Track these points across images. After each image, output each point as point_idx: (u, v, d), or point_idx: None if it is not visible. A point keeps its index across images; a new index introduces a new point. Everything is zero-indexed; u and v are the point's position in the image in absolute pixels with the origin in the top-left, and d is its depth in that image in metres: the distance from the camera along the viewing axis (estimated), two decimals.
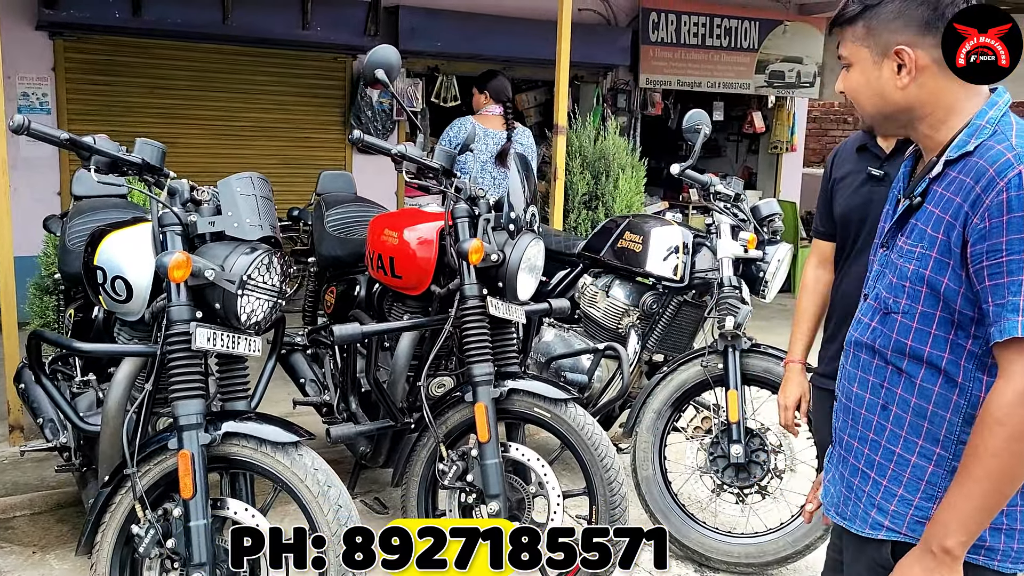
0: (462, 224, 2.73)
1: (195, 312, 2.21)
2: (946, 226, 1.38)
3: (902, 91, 1.44)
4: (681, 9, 8.42)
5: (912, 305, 1.44)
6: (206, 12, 6.37)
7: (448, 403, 2.76)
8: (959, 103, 1.43)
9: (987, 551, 1.41)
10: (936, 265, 1.40)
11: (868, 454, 1.52)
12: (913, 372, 1.45)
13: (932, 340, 1.42)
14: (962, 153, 1.39)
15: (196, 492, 2.13)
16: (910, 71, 1.42)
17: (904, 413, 1.46)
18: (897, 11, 1.42)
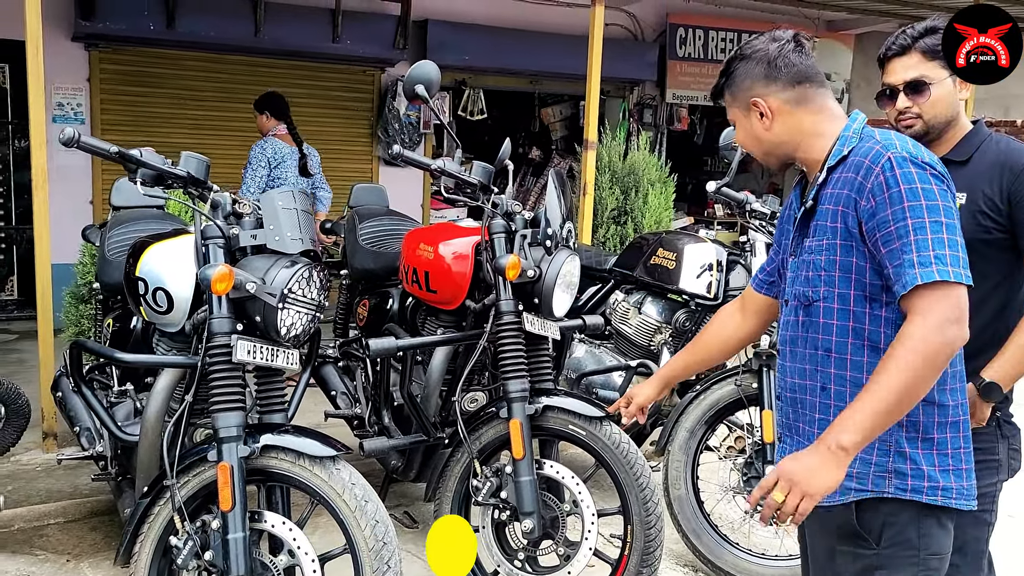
0: (499, 239, 2.73)
1: (236, 325, 2.22)
2: (841, 215, 1.63)
3: (768, 132, 1.75)
4: (708, 24, 8.42)
5: (830, 290, 1.67)
6: (238, 25, 6.44)
7: (482, 419, 2.76)
8: (819, 128, 1.73)
9: (943, 491, 1.62)
10: (843, 249, 1.64)
11: (817, 432, 1.66)
12: (841, 349, 1.66)
13: (853, 316, 1.65)
14: (840, 159, 1.66)
15: (235, 504, 2.13)
16: (768, 115, 1.74)
17: (842, 387, 1.67)
18: (743, 74, 1.76)
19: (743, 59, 1.78)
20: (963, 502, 1.65)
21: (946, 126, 2.12)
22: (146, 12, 6.15)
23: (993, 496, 2.18)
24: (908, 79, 2.11)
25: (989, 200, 2.07)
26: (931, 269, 1.52)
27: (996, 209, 2.06)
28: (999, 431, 2.16)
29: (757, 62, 1.75)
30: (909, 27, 2.14)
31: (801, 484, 1.53)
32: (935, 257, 1.53)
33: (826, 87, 1.77)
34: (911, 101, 2.11)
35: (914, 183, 1.56)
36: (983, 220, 2.07)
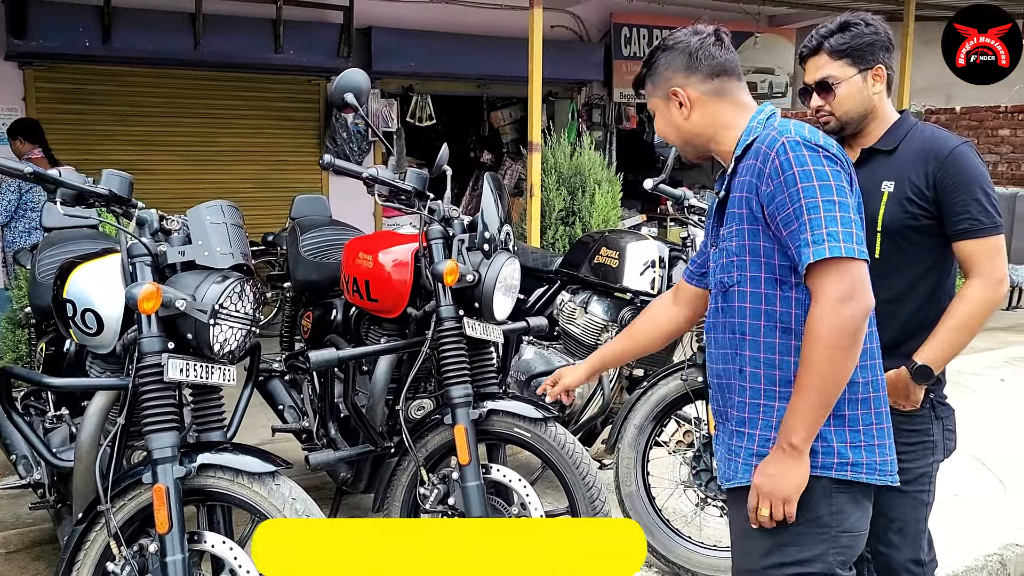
0: (436, 245, 2.72)
1: (167, 343, 2.18)
2: (745, 200, 1.70)
3: (687, 121, 1.81)
4: (652, 23, 8.50)
5: (743, 274, 1.72)
6: (177, 38, 6.36)
7: (427, 426, 2.74)
8: (733, 120, 1.79)
9: (853, 466, 1.68)
10: (751, 234, 1.70)
11: (738, 415, 1.77)
12: (755, 332, 1.72)
13: (764, 299, 1.70)
14: (745, 147, 1.73)
15: (172, 526, 2.09)
16: (687, 105, 1.79)
17: (757, 369, 1.73)
18: (665, 64, 1.82)
19: (665, 50, 1.82)
20: (875, 477, 1.70)
21: (862, 120, 2.18)
22: (81, 28, 6.05)
23: (930, 476, 2.22)
24: (817, 79, 2.19)
25: (916, 187, 2.12)
26: (823, 247, 1.58)
27: (923, 196, 2.11)
28: (933, 412, 2.20)
29: (679, 53, 1.80)
30: (821, 26, 2.21)
31: (774, 492, 1.66)
32: (828, 235, 1.58)
33: (742, 81, 1.83)
34: (822, 99, 2.19)
35: (806, 165, 1.62)
36: (911, 207, 2.12)
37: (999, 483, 4.09)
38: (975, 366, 6.04)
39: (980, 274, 2.07)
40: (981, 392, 5.49)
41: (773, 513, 1.67)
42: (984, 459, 4.28)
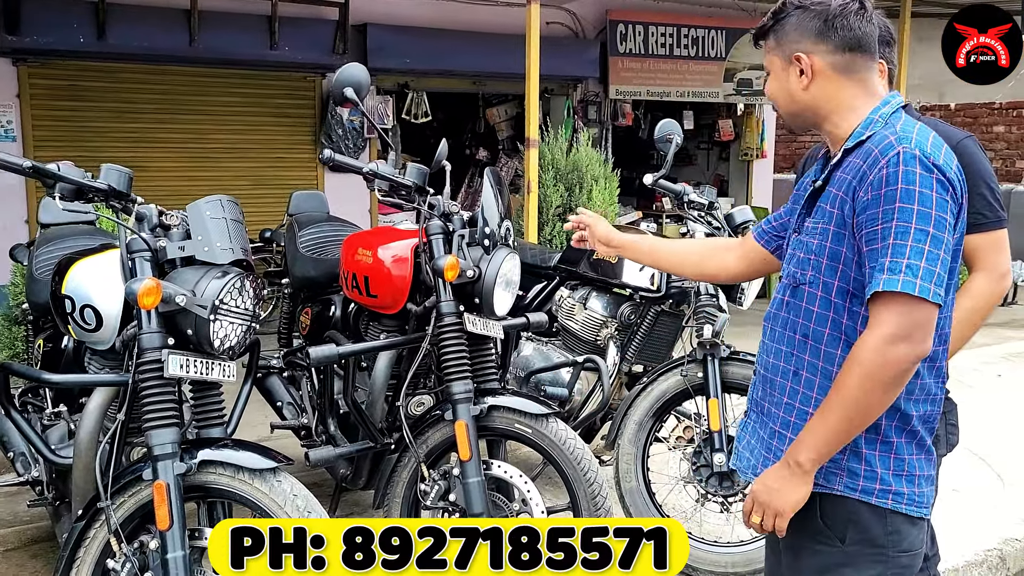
0: (436, 241, 2.71)
1: (167, 339, 2.17)
2: (840, 201, 1.58)
3: (805, 92, 1.65)
4: (648, 20, 8.48)
5: (816, 276, 1.62)
6: (172, 35, 6.33)
7: (428, 422, 2.73)
8: (856, 102, 1.63)
9: (895, 495, 1.60)
10: (835, 237, 1.59)
11: (783, 416, 1.69)
12: (817, 338, 1.63)
13: (833, 307, 1.60)
14: (858, 141, 1.59)
15: (173, 523, 2.08)
16: (808, 75, 1.64)
17: (813, 376, 1.64)
18: (796, 24, 1.65)
19: (800, 8, 1.65)
20: (914, 508, 1.61)
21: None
22: (75, 24, 6.01)
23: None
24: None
25: None
26: (897, 278, 1.45)
27: None
28: None
29: (814, 16, 1.63)
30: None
31: (769, 504, 1.61)
32: (907, 267, 1.46)
33: (875, 62, 1.67)
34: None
35: (913, 184, 1.47)
36: None
37: (997, 478, 4.10)
38: (972, 362, 6.06)
39: (984, 268, 2.06)
40: (978, 388, 5.50)
41: (764, 524, 1.63)
42: (982, 454, 4.29)
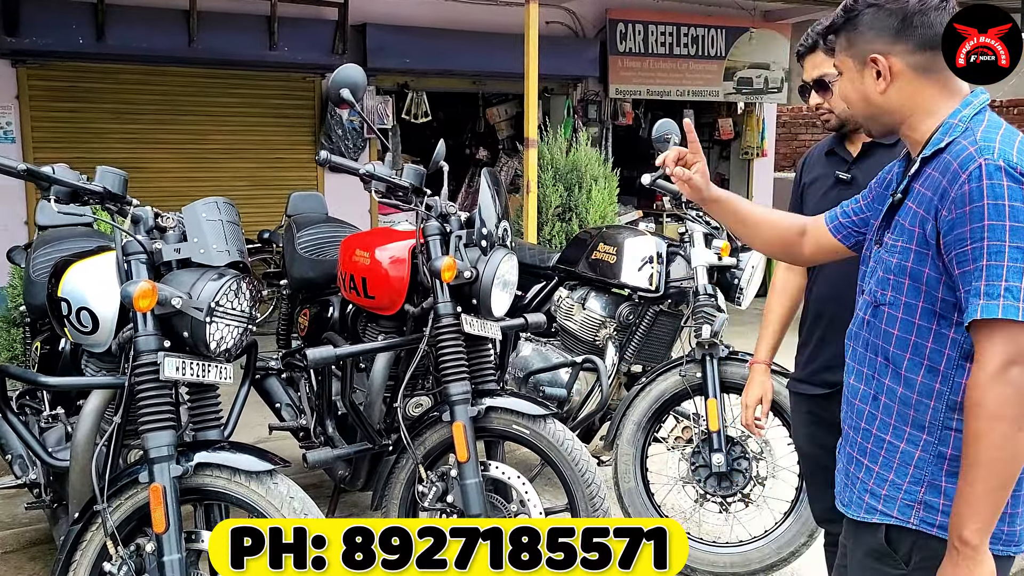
0: (434, 242, 2.71)
1: (163, 341, 2.16)
2: (920, 219, 1.47)
3: (882, 95, 1.53)
4: (648, 19, 8.47)
5: (897, 297, 1.51)
6: (171, 35, 6.33)
7: (426, 423, 2.73)
8: (936, 104, 1.51)
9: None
10: (916, 257, 1.47)
11: (861, 442, 1.60)
12: (898, 362, 1.52)
13: (916, 330, 1.49)
14: (936, 150, 1.47)
15: (169, 526, 2.08)
16: (886, 77, 1.52)
17: (892, 402, 1.53)
18: (870, 22, 1.52)
19: (874, 6, 1.52)
20: (999, 547, 1.45)
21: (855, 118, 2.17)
22: (74, 26, 6.01)
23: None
24: (815, 76, 2.20)
25: None
26: (996, 303, 1.35)
27: None
28: None
29: (891, 14, 1.50)
30: (817, 23, 2.21)
31: None
32: (1006, 289, 1.34)
33: None
34: (820, 97, 2.21)
35: (1001, 199, 1.36)
36: None
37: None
38: None
39: None
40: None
41: None
42: None
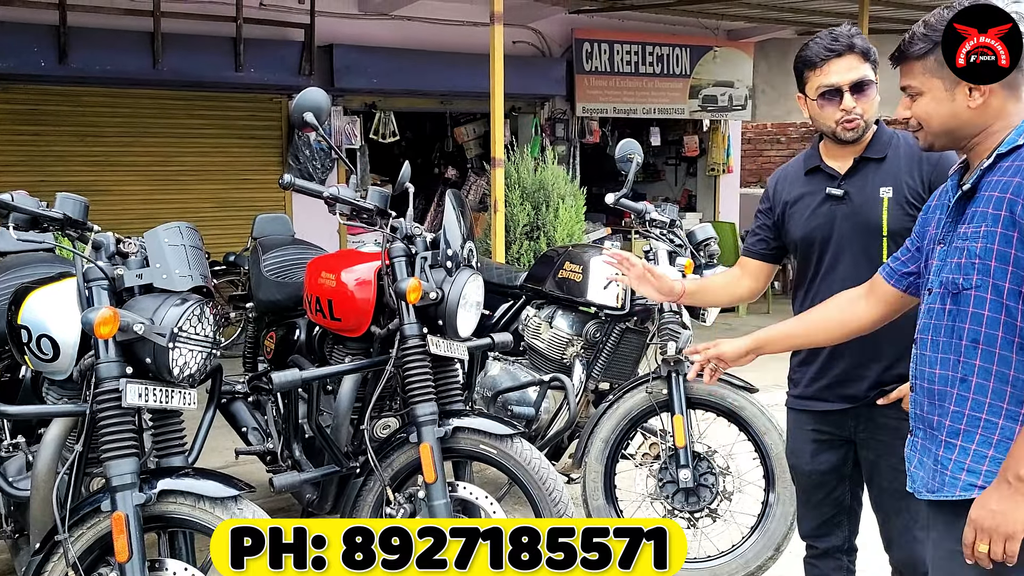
0: (399, 263, 2.71)
1: (125, 368, 2.15)
2: (1008, 203, 1.56)
3: (974, 111, 1.63)
4: (613, 38, 8.58)
5: (984, 279, 1.59)
6: (135, 57, 6.30)
7: (393, 445, 2.73)
8: (1012, 113, 1.64)
9: None
10: (1003, 239, 1.56)
11: (951, 425, 1.64)
12: (990, 342, 1.59)
13: (1006, 310, 1.57)
14: (1013, 147, 1.60)
15: (132, 555, 2.06)
16: (984, 92, 1.62)
17: (986, 381, 1.59)
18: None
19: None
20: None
21: (869, 129, 2.23)
22: (36, 48, 5.96)
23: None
24: (854, 79, 2.15)
25: (913, 190, 2.20)
26: None
27: (920, 198, 2.17)
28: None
29: None
30: (836, 31, 2.19)
31: (996, 529, 1.52)
32: None
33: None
34: (856, 101, 2.17)
35: None
36: (911, 210, 2.18)
37: None
38: None
39: None
40: None
41: (992, 551, 1.53)
42: None
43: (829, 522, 2.39)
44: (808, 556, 2.47)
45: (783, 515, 3.04)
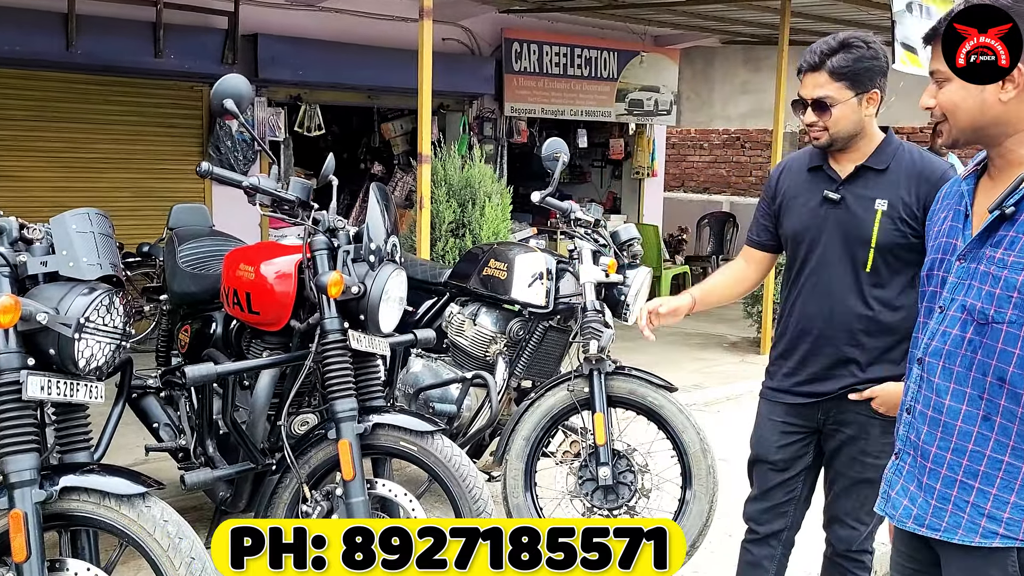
0: (320, 257, 2.66)
1: (27, 359, 2.05)
2: None
3: (1004, 105, 1.52)
4: (543, 39, 8.62)
5: (1019, 315, 1.47)
6: (47, 38, 6.04)
7: (311, 441, 2.68)
8: None
9: None
10: None
11: (968, 464, 1.54)
12: (1017, 383, 1.48)
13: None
14: None
15: (31, 554, 1.97)
16: (1017, 84, 1.50)
17: (1010, 423, 1.49)
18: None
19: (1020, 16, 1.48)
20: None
21: (851, 139, 2.27)
22: None
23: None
24: (815, 97, 2.23)
25: (908, 207, 2.24)
26: None
27: (914, 216, 2.22)
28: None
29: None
30: (824, 42, 2.24)
31: None
32: None
33: None
34: (816, 116, 2.24)
35: None
36: (902, 226, 2.23)
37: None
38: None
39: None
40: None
41: None
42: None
43: (775, 508, 2.47)
44: (746, 540, 2.55)
45: (699, 512, 3.09)
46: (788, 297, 2.43)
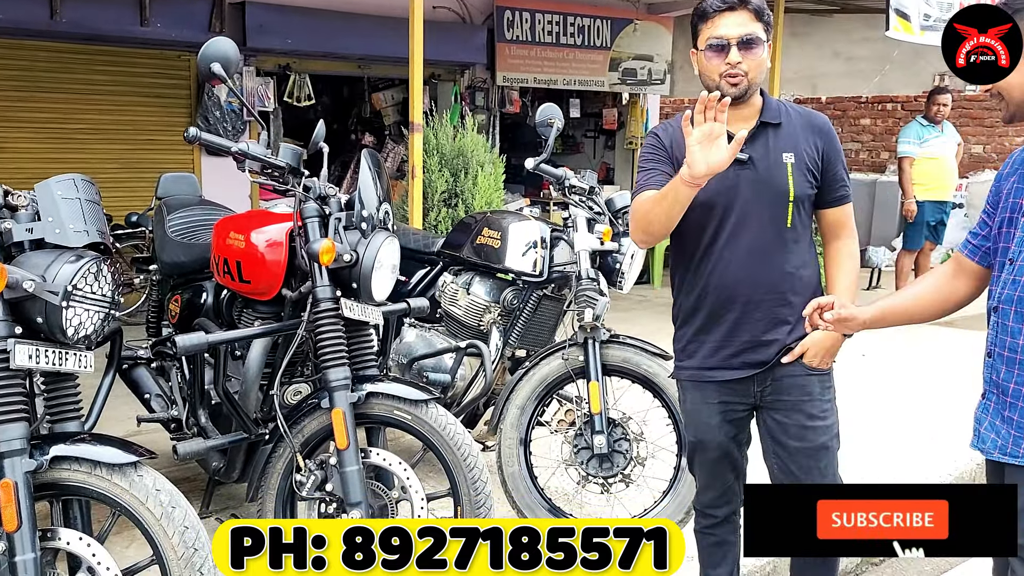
0: (312, 224, 2.63)
1: (14, 327, 2.03)
2: None
3: None
4: (535, 7, 8.51)
5: None
6: (31, 7, 5.94)
7: (304, 411, 2.66)
8: None
9: None
10: None
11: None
12: None
13: None
14: None
15: (22, 524, 1.96)
16: None
17: None
18: None
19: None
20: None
21: (754, 90, 2.22)
22: None
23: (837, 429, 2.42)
24: (741, 34, 2.13)
25: (811, 158, 2.25)
26: None
27: (816, 166, 2.25)
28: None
29: None
30: None
31: None
32: None
33: None
34: (742, 56, 2.13)
35: None
36: (809, 177, 2.24)
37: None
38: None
39: (851, 235, 2.31)
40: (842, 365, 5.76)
41: None
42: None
43: (729, 490, 2.45)
44: (704, 526, 2.50)
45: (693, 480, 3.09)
46: (698, 269, 2.28)
